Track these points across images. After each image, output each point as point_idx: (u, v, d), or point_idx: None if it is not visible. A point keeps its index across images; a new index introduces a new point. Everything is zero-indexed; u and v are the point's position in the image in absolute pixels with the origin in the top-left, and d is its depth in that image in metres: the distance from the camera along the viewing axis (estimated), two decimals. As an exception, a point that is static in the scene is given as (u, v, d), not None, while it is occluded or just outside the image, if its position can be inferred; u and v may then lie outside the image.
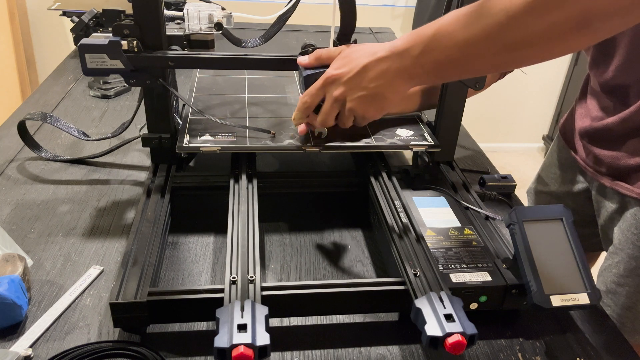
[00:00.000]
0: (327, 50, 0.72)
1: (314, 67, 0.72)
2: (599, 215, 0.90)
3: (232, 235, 0.63)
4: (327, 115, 0.70)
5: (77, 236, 0.73)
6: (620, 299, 0.83)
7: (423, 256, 0.62)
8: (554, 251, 0.60)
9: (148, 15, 0.69)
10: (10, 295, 0.56)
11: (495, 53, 0.55)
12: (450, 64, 0.59)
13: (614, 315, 0.83)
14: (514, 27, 0.51)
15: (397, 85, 0.64)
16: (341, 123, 0.72)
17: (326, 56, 0.71)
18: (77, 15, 1.13)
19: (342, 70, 0.66)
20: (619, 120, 0.80)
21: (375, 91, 0.65)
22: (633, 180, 0.81)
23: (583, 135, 0.89)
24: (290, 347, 0.58)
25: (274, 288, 0.57)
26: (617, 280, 0.83)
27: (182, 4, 1.18)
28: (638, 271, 0.80)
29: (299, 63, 0.73)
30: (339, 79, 0.66)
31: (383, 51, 0.63)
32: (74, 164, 0.89)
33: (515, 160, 2.88)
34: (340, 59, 0.68)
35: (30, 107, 1.08)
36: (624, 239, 0.82)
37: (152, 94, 0.76)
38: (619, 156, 0.82)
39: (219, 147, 0.75)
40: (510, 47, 0.53)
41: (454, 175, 0.84)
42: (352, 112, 0.68)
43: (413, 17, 2.59)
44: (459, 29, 0.56)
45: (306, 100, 0.70)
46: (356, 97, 0.66)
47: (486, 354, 0.59)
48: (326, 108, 0.69)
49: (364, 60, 0.64)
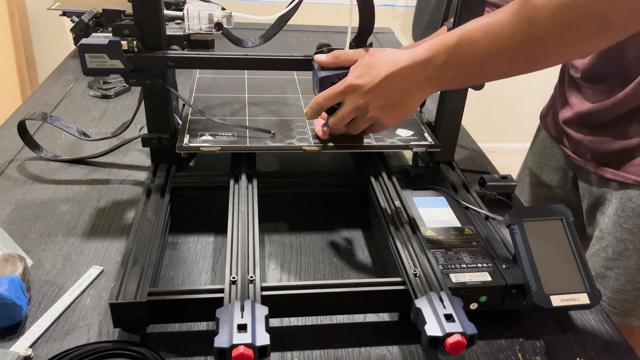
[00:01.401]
0: (345, 52, 0.71)
1: (330, 67, 0.71)
2: (584, 200, 0.91)
3: (232, 235, 0.63)
4: (342, 120, 0.70)
5: (77, 236, 0.73)
6: (610, 282, 0.84)
7: (423, 256, 0.62)
8: (554, 251, 0.60)
9: (148, 15, 0.69)
10: (10, 295, 0.56)
11: (518, 60, 0.56)
12: (472, 72, 0.60)
13: (604, 298, 0.85)
14: (537, 35, 0.52)
15: (417, 94, 0.65)
16: (352, 129, 0.71)
17: (344, 58, 0.70)
18: (77, 15, 1.13)
19: (363, 80, 0.66)
20: (602, 108, 0.81)
21: (397, 101, 0.65)
22: (617, 165, 0.82)
23: (566, 123, 0.90)
24: (290, 347, 0.58)
25: (274, 288, 0.57)
26: (605, 264, 0.84)
27: (182, 4, 1.18)
28: (626, 253, 0.82)
29: (317, 61, 0.72)
30: (361, 89, 0.66)
31: (405, 60, 0.63)
32: (74, 164, 0.89)
33: (515, 160, 2.87)
34: (361, 67, 0.67)
35: (30, 107, 1.08)
36: (610, 223, 0.83)
37: (152, 94, 0.76)
38: (602, 141, 0.83)
39: (219, 147, 0.75)
40: (533, 54, 0.54)
41: (454, 175, 0.84)
42: (371, 120, 0.69)
43: (413, 17, 2.59)
44: (482, 37, 0.56)
45: (320, 102, 0.70)
46: (378, 106, 0.66)
47: (486, 354, 0.59)
48: (343, 113, 0.69)
49: (385, 70, 0.64)
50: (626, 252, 0.81)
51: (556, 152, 0.98)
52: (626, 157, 0.80)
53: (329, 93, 0.69)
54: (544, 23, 0.51)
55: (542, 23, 0.51)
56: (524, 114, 2.91)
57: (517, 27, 0.53)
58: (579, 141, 0.87)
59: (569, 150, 0.91)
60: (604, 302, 0.84)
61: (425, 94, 0.65)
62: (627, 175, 0.80)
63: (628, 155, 0.80)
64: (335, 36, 1.00)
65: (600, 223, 0.86)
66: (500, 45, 0.55)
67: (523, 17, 0.53)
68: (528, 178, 1.06)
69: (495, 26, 0.55)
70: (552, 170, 1.00)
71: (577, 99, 0.87)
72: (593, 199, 0.88)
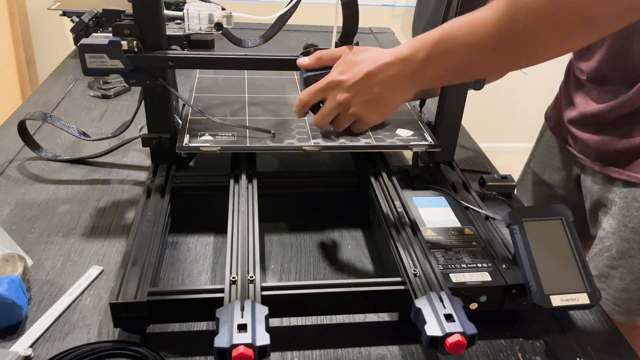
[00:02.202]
0: (328, 51, 0.71)
1: (315, 68, 0.72)
2: (588, 200, 0.91)
3: (232, 235, 0.63)
4: (325, 117, 0.70)
5: (77, 236, 0.73)
6: (614, 281, 0.84)
7: (423, 256, 0.62)
8: (554, 251, 0.60)
9: (148, 15, 0.69)
10: (10, 295, 0.56)
11: (500, 56, 0.56)
12: (455, 69, 0.60)
13: (608, 297, 0.85)
14: (518, 31, 0.53)
15: (401, 91, 0.65)
16: (336, 126, 0.72)
17: (327, 57, 0.71)
18: (77, 15, 1.13)
19: (345, 75, 0.66)
20: (607, 109, 0.81)
21: (379, 97, 0.65)
22: (622, 164, 0.82)
23: (571, 123, 0.91)
24: (290, 347, 0.58)
25: (274, 288, 0.57)
26: (609, 264, 0.84)
27: (182, 4, 1.18)
28: (631, 252, 0.82)
29: (299, 64, 0.73)
30: (343, 84, 0.66)
31: (387, 57, 0.63)
32: (74, 164, 0.89)
33: (515, 160, 2.87)
34: (344, 63, 0.68)
35: (30, 107, 1.08)
36: (614, 222, 0.83)
37: (152, 94, 0.76)
38: (607, 140, 0.83)
39: (219, 147, 0.75)
40: (514, 51, 0.55)
41: (454, 175, 0.84)
42: (354, 116, 0.69)
43: (413, 17, 2.59)
44: (464, 34, 0.56)
45: (303, 99, 0.70)
46: (360, 102, 0.66)
47: (486, 354, 0.59)
48: (326, 110, 0.69)
49: (368, 66, 0.64)
50: (631, 252, 0.81)
51: (560, 152, 0.98)
52: (631, 157, 0.81)
53: (311, 90, 0.69)
54: (524, 18, 0.51)
55: (523, 18, 0.52)
56: (524, 114, 2.91)
57: (498, 23, 0.53)
58: (584, 141, 0.87)
59: (574, 150, 0.91)
60: (608, 301, 0.84)
61: (408, 91, 0.65)
62: (632, 174, 0.80)
63: (633, 154, 0.80)
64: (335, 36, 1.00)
65: (604, 223, 0.86)
66: (482, 41, 0.55)
67: (504, 13, 0.53)
68: (531, 177, 1.06)
69: (477, 23, 0.55)
70: (555, 169, 1.00)
71: (582, 99, 0.88)
72: (597, 198, 0.88)
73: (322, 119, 0.70)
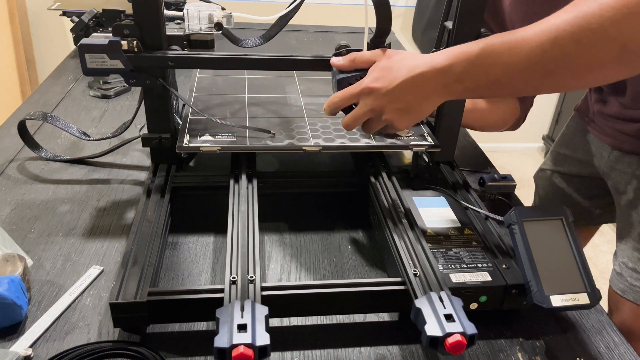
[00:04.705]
0: (362, 54, 0.70)
1: (348, 70, 0.71)
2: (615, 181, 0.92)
3: (232, 235, 0.63)
4: (356, 121, 0.70)
5: (77, 236, 0.73)
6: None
7: (423, 256, 0.62)
8: (554, 251, 0.60)
9: (148, 15, 0.69)
10: (10, 295, 0.56)
11: (534, 78, 0.57)
12: (489, 85, 0.60)
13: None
14: (557, 57, 0.54)
15: (433, 100, 0.65)
16: (366, 129, 0.72)
17: (360, 61, 0.70)
18: (77, 15, 1.13)
19: (380, 83, 0.66)
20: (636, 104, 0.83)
21: (412, 105, 0.65)
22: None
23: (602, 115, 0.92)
24: (290, 347, 0.58)
25: (274, 288, 0.57)
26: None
27: (182, 4, 1.18)
28: None
29: (333, 64, 0.72)
30: (377, 92, 0.66)
31: (423, 66, 0.63)
32: (74, 164, 0.89)
33: (515, 160, 2.88)
34: (378, 70, 0.67)
35: (30, 107, 1.08)
36: None
37: (152, 94, 0.76)
38: None
39: (219, 147, 0.75)
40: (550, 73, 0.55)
41: (454, 175, 0.84)
42: (385, 122, 0.69)
43: (413, 17, 2.59)
44: (505, 51, 0.57)
45: (336, 101, 0.70)
46: (393, 109, 0.66)
47: (486, 354, 0.59)
48: (358, 114, 0.69)
49: (403, 74, 0.64)
50: None
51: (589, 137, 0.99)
52: None
53: (344, 94, 0.69)
54: (565, 43, 0.52)
55: (563, 43, 0.52)
56: (524, 114, 2.91)
57: (539, 45, 0.54)
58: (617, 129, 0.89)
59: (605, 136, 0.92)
60: None
61: (441, 100, 0.66)
62: None
63: None
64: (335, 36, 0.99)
65: None
66: (521, 62, 0.56)
67: (546, 36, 0.54)
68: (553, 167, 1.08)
69: (519, 42, 0.56)
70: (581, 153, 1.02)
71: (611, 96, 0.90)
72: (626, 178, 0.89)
73: (352, 122, 0.70)
